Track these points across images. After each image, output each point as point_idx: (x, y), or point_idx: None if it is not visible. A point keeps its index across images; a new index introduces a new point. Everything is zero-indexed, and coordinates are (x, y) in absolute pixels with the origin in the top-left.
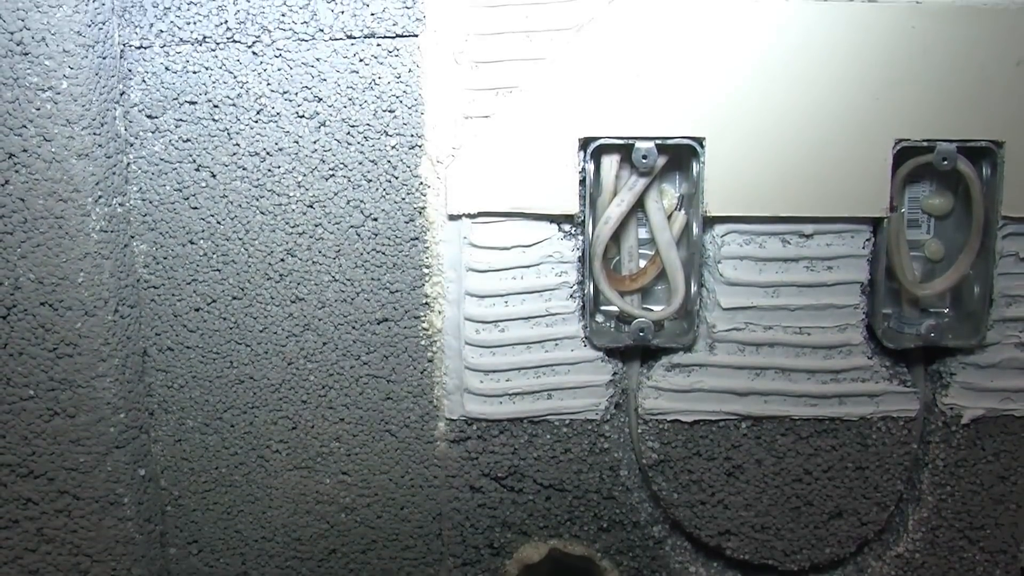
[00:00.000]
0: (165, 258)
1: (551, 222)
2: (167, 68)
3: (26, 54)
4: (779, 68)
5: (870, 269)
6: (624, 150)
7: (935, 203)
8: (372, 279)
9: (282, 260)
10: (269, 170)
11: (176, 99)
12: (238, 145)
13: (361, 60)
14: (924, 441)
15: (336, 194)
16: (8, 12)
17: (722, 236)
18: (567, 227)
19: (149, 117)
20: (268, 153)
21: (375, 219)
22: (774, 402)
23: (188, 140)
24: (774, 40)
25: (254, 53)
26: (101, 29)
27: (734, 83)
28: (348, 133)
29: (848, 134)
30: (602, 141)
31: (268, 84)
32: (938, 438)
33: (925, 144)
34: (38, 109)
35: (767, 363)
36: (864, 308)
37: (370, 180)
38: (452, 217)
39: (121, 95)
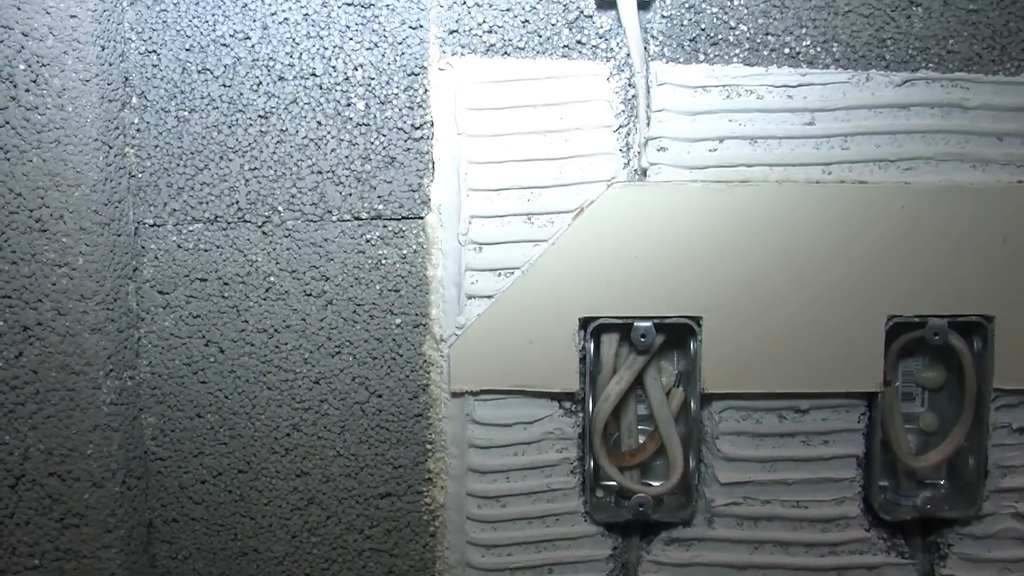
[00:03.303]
0: (173, 431)
1: (552, 399)
2: (179, 246)
3: (44, 231)
4: (773, 248)
5: (866, 443)
6: (623, 329)
7: (928, 376)
8: (376, 454)
9: (288, 435)
10: (276, 346)
11: (187, 276)
12: (246, 322)
13: (368, 241)
14: None
15: (342, 371)
16: (28, 190)
17: (720, 412)
18: (568, 404)
19: (161, 293)
20: (276, 330)
21: (379, 396)
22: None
23: (198, 316)
24: (768, 221)
25: (264, 233)
26: (117, 208)
27: (730, 263)
28: (354, 312)
29: (841, 311)
30: (602, 321)
31: (277, 263)
32: None
33: (917, 320)
34: (54, 284)
35: (765, 537)
36: (860, 481)
37: (375, 358)
38: (455, 394)
39: (134, 271)
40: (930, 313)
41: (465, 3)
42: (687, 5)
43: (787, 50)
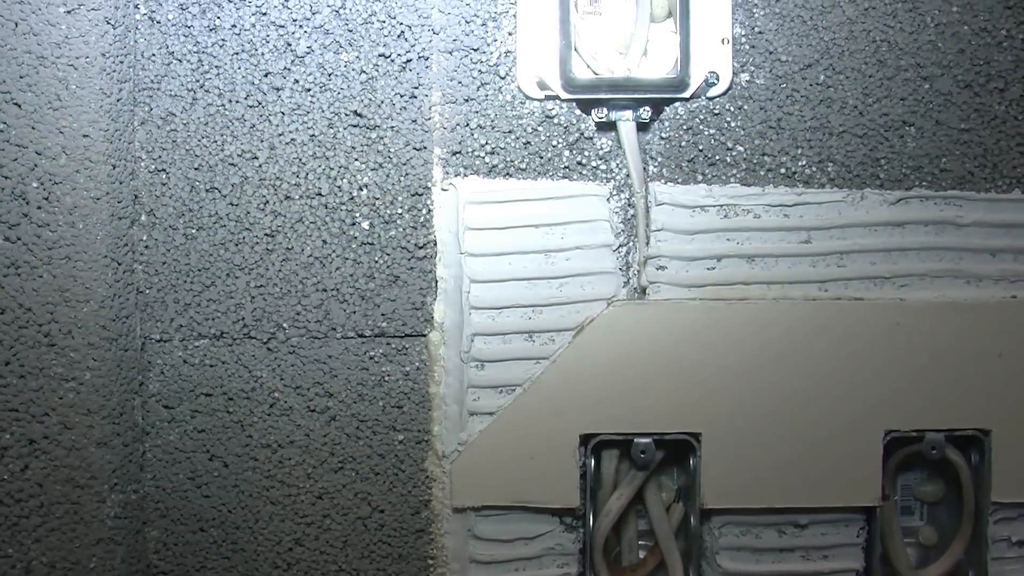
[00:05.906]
0: (176, 544)
1: (553, 515)
2: (185, 361)
3: (52, 345)
4: (771, 364)
5: (865, 557)
6: (623, 445)
7: (927, 490)
8: (378, 569)
9: (290, 549)
10: (280, 462)
11: (193, 391)
12: (251, 437)
13: (371, 358)
14: None
15: (344, 486)
16: (38, 305)
17: (719, 527)
18: (568, 520)
19: (166, 408)
20: (280, 445)
21: (382, 511)
22: None
23: (203, 431)
24: (766, 338)
25: (269, 349)
26: (124, 323)
27: (729, 380)
28: (357, 427)
29: (839, 426)
30: (602, 437)
31: (281, 379)
32: None
33: (914, 434)
34: (61, 398)
35: None
36: None
37: (378, 473)
38: (457, 510)
39: (140, 386)
40: (927, 427)
41: (468, 125)
42: (685, 127)
43: (783, 170)
